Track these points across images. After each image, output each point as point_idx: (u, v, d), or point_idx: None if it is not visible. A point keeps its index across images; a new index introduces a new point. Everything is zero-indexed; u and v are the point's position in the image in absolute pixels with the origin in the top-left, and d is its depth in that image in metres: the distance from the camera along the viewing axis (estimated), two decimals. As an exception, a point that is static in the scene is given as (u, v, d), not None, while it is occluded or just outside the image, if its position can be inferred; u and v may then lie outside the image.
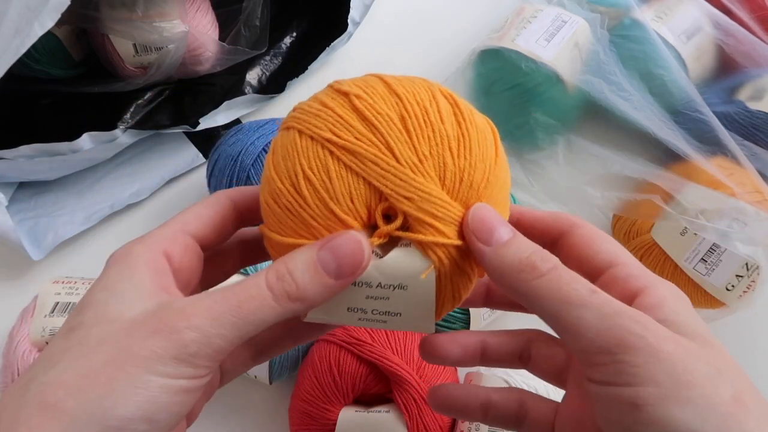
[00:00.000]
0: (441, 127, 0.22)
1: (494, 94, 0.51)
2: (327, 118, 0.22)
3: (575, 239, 0.24)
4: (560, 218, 0.24)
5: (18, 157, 0.46)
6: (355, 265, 0.21)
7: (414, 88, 0.23)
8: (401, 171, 0.21)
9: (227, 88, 0.57)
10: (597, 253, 0.23)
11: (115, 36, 0.51)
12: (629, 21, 0.51)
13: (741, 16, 0.52)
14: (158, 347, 0.18)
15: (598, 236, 0.23)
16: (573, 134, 0.51)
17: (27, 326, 0.41)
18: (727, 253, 0.41)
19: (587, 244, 0.23)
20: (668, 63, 0.49)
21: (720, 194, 0.42)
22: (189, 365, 0.19)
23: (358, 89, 0.22)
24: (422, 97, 0.22)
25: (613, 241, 0.23)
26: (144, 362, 0.18)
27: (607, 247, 0.23)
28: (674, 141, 0.46)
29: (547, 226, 0.25)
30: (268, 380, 0.42)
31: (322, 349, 0.40)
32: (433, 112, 0.22)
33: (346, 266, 0.21)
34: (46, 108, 0.54)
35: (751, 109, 0.48)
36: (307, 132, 0.22)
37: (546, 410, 0.26)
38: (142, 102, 0.54)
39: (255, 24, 0.56)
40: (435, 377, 0.39)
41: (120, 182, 0.54)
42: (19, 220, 0.50)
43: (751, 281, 0.41)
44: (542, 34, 0.50)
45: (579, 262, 0.23)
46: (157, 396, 0.18)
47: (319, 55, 0.59)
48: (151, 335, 0.19)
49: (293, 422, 0.40)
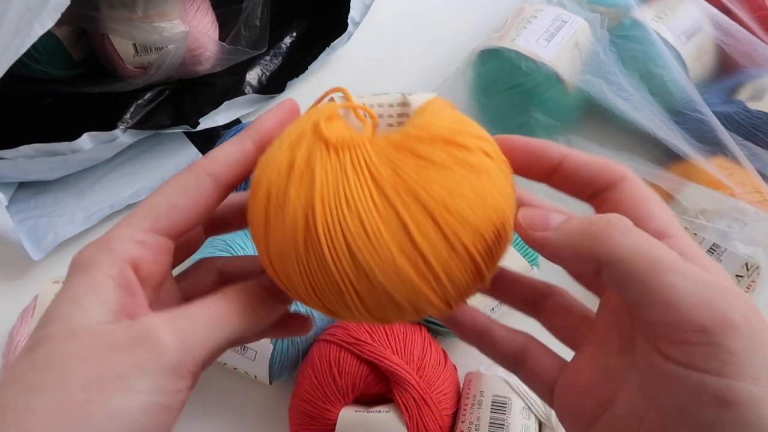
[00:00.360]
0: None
1: (494, 94, 0.51)
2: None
3: (624, 195, 0.21)
4: (610, 167, 0.21)
5: (18, 157, 0.46)
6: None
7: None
8: None
9: (227, 88, 0.57)
10: (649, 218, 0.20)
11: (115, 36, 0.51)
12: (629, 21, 0.51)
13: (741, 16, 0.52)
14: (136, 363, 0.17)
15: (650, 198, 0.21)
16: (573, 134, 0.51)
17: (27, 326, 0.41)
18: (727, 253, 0.41)
19: (638, 204, 0.20)
20: (668, 63, 0.49)
21: (720, 194, 0.42)
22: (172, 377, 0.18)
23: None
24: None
25: (665, 206, 0.21)
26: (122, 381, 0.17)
27: (660, 213, 0.20)
28: (674, 141, 0.46)
29: (593, 173, 0.21)
30: (268, 380, 0.42)
31: (322, 349, 0.40)
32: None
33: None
34: (47, 108, 0.54)
35: (750, 109, 0.48)
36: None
37: (549, 364, 0.23)
38: (142, 102, 0.54)
39: (255, 24, 0.56)
40: (435, 377, 0.39)
41: (120, 182, 0.54)
42: (19, 220, 0.50)
43: (751, 281, 0.41)
44: (542, 34, 0.50)
45: None
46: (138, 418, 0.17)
47: (319, 55, 0.59)
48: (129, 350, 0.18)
49: (293, 422, 0.40)
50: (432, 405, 0.38)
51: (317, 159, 0.19)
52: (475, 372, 0.42)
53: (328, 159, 0.19)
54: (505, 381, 0.40)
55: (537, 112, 0.50)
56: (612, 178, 0.21)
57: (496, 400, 0.39)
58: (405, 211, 0.18)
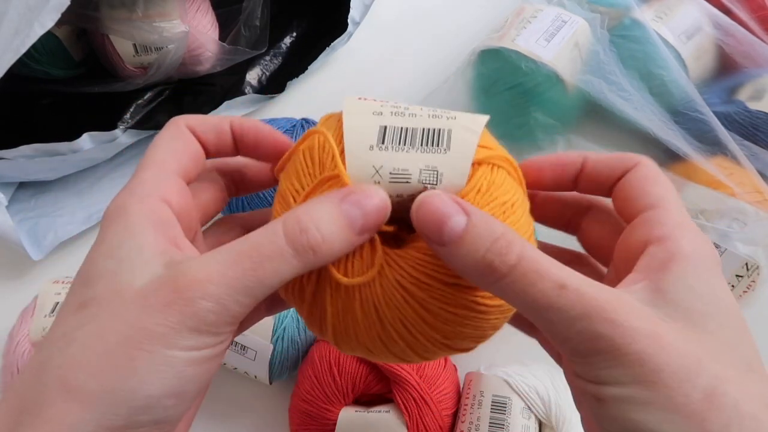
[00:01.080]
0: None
1: (494, 94, 0.51)
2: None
3: (632, 177, 0.22)
4: (625, 157, 0.23)
5: (18, 157, 0.46)
6: (380, 220, 0.20)
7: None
8: None
9: (227, 88, 0.57)
10: (644, 194, 0.21)
11: (115, 36, 0.51)
12: (629, 21, 0.51)
13: (741, 16, 0.52)
14: (174, 322, 0.18)
15: (654, 177, 0.22)
16: (573, 134, 0.51)
17: (27, 326, 0.41)
18: (727, 253, 0.41)
19: (639, 185, 0.22)
20: (668, 63, 0.49)
21: (720, 194, 0.42)
22: (209, 335, 0.18)
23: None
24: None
25: (668, 185, 0.22)
26: (162, 339, 0.18)
27: (655, 190, 0.21)
28: (674, 141, 0.46)
29: (612, 165, 0.23)
30: (268, 380, 0.42)
31: (322, 349, 0.40)
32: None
33: (372, 221, 0.20)
34: (47, 108, 0.54)
35: (750, 109, 0.48)
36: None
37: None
38: (142, 102, 0.54)
39: (255, 24, 0.56)
40: (435, 377, 0.39)
41: (120, 182, 0.54)
42: (19, 220, 0.50)
43: (751, 281, 0.41)
44: (542, 34, 0.50)
45: (624, 202, 0.22)
46: (182, 370, 0.18)
47: (319, 55, 0.59)
48: (163, 309, 0.18)
49: (293, 422, 0.40)
50: (432, 405, 0.38)
51: (327, 298, 0.21)
52: (475, 372, 0.42)
53: (338, 298, 0.21)
54: (505, 381, 0.40)
55: (537, 112, 0.50)
56: (628, 165, 0.22)
57: (496, 400, 0.39)
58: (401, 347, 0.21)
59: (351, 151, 0.21)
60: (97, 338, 0.18)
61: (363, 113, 0.22)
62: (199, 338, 0.18)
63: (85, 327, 0.18)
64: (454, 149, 0.21)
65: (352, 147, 0.21)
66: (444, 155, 0.21)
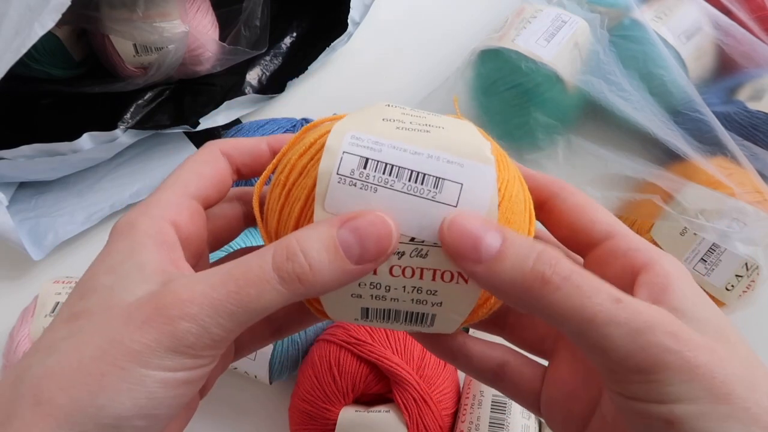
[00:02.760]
0: None
1: (494, 94, 0.51)
2: None
3: (567, 205, 0.22)
4: (551, 180, 0.23)
5: (18, 157, 0.46)
6: (381, 250, 0.18)
7: None
8: None
9: (227, 89, 0.57)
10: (593, 222, 0.21)
11: (115, 36, 0.51)
12: (629, 21, 0.51)
13: (741, 16, 0.52)
14: (150, 339, 0.17)
15: (592, 204, 0.22)
16: (573, 134, 0.51)
17: (27, 326, 0.41)
18: (727, 253, 0.41)
19: (581, 211, 0.21)
20: (668, 63, 0.49)
21: (720, 194, 0.42)
22: (187, 356, 0.17)
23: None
24: None
25: (606, 211, 0.22)
26: (137, 356, 0.17)
27: (602, 217, 0.21)
28: (674, 141, 0.46)
29: (536, 185, 0.23)
30: (268, 380, 0.42)
31: (322, 349, 0.40)
32: None
33: (371, 251, 0.18)
34: (47, 108, 0.54)
35: (750, 109, 0.48)
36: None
37: (531, 376, 0.23)
38: (143, 102, 0.54)
39: (255, 24, 0.56)
40: (435, 377, 0.39)
41: (120, 182, 0.54)
42: (19, 220, 0.50)
43: (751, 281, 0.41)
44: (542, 35, 0.50)
45: (572, 230, 0.22)
46: (155, 391, 0.17)
47: (319, 55, 0.59)
48: (142, 326, 0.17)
49: (293, 422, 0.40)
50: (432, 405, 0.38)
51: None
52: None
53: None
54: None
55: (537, 112, 0.50)
56: (553, 189, 0.23)
57: (496, 400, 0.39)
58: None
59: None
60: (75, 351, 0.17)
61: (344, 301, 0.21)
62: (176, 359, 0.17)
63: (69, 339, 0.18)
64: (437, 326, 0.21)
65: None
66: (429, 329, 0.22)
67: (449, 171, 0.19)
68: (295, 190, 0.20)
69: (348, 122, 0.20)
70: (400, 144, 0.19)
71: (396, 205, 0.19)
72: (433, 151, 0.19)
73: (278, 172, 0.21)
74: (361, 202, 0.19)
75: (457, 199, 0.19)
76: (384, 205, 0.19)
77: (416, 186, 0.19)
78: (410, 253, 0.19)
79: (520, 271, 0.18)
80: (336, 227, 0.18)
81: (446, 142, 0.20)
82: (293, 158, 0.21)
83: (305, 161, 0.20)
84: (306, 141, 0.21)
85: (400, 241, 0.19)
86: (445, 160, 0.19)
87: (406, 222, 0.19)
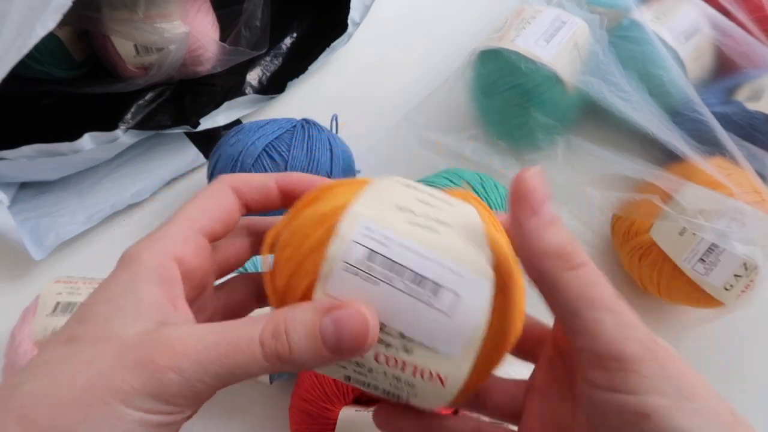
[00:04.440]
0: None
1: (494, 94, 0.52)
2: None
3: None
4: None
5: (19, 157, 0.47)
6: (355, 346, 0.20)
7: None
8: None
9: (228, 89, 0.57)
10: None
11: (116, 37, 0.51)
12: (628, 22, 0.51)
13: (739, 17, 0.52)
14: (138, 383, 0.18)
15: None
16: (572, 134, 0.51)
17: (29, 326, 0.42)
18: (726, 253, 0.41)
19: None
20: (667, 64, 0.49)
21: (718, 194, 0.42)
22: (166, 403, 0.19)
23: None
24: None
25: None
26: (122, 395, 0.18)
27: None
28: (673, 141, 0.46)
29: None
30: (268, 380, 0.42)
31: (322, 349, 0.41)
32: None
33: (346, 344, 0.20)
34: (48, 108, 0.54)
35: (749, 109, 0.48)
36: None
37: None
38: (143, 102, 0.54)
39: (255, 25, 0.56)
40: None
41: (121, 182, 0.54)
42: (20, 220, 0.50)
43: (750, 281, 0.42)
44: (541, 35, 0.50)
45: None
46: (133, 429, 0.18)
47: (319, 55, 0.59)
48: (134, 367, 0.18)
49: (293, 421, 0.41)
50: (432, 404, 0.38)
51: None
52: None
53: None
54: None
55: (536, 113, 0.50)
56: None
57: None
58: None
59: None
60: (68, 377, 0.18)
61: (331, 367, 0.22)
62: (156, 404, 0.18)
63: (64, 363, 0.19)
64: (414, 404, 0.23)
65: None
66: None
67: (448, 279, 0.20)
68: (305, 263, 0.21)
69: (362, 207, 0.21)
70: (408, 243, 0.20)
71: (392, 301, 0.20)
72: (437, 256, 0.20)
73: (291, 233, 0.22)
74: (360, 292, 0.20)
75: (450, 307, 0.20)
76: (381, 299, 0.20)
77: (415, 288, 0.20)
78: (397, 346, 0.20)
79: (555, 243, 0.20)
80: (321, 314, 0.20)
81: (453, 247, 0.21)
82: (306, 225, 0.22)
83: (319, 234, 0.21)
84: (320, 210, 0.22)
85: (389, 334, 0.20)
86: (447, 268, 0.20)
87: (398, 318, 0.20)
